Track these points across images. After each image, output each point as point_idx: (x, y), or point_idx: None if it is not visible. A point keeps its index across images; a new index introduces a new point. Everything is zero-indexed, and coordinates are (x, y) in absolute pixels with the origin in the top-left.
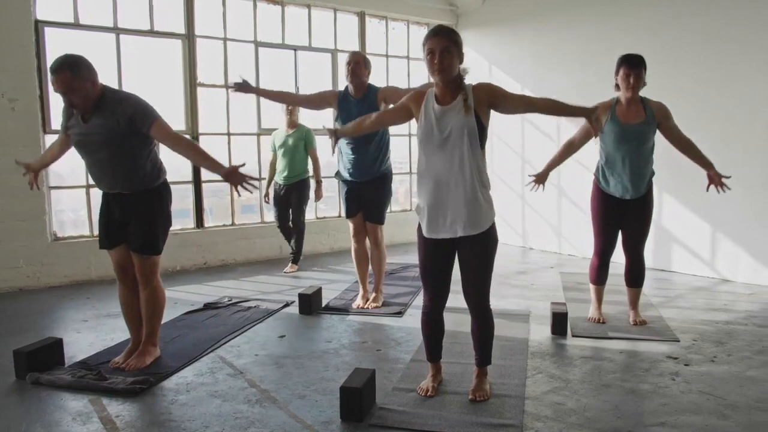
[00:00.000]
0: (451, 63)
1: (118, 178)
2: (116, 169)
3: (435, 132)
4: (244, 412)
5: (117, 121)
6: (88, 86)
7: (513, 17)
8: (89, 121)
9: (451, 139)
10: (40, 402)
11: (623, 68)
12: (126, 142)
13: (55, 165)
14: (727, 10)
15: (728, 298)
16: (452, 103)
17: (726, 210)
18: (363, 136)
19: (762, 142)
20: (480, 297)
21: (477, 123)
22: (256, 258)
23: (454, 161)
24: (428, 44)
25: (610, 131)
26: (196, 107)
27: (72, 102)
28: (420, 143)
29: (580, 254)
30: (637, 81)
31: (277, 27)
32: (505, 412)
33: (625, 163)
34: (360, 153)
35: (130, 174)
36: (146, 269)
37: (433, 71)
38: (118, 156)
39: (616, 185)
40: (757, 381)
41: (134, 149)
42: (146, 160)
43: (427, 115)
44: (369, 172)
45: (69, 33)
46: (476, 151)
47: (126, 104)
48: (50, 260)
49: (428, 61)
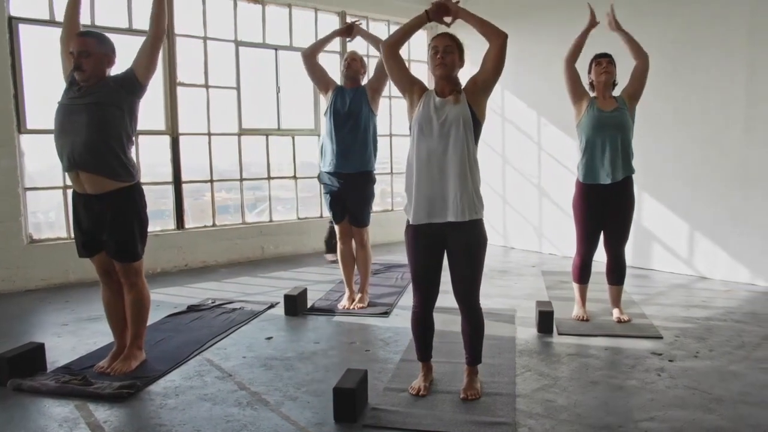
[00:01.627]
0: (452, 61)
1: (87, 146)
2: (90, 135)
3: (433, 118)
4: (236, 415)
5: (111, 86)
6: (104, 59)
7: (494, 18)
8: (86, 90)
9: (447, 126)
10: (23, 409)
11: (595, 62)
12: (114, 106)
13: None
14: (703, 14)
15: (707, 295)
16: (449, 97)
17: (704, 209)
18: (353, 125)
19: (737, 143)
20: (470, 295)
21: (472, 115)
22: (237, 259)
23: (448, 148)
24: (433, 42)
25: (591, 117)
26: (176, 107)
27: (82, 65)
28: (416, 131)
29: (560, 253)
30: (610, 66)
31: (258, 26)
32: (498, 410)
33: (605, 146)
34: (348, 141)
35: (100, 144)
36: (130, 273)
37: (434, 65)
38: (98, 120)
39: (599, 170)
40: (739, 375)
41: (115, 117)
42: (121, 133)
43: (426, 104)
44: (355, 162)
45: (44, 30)
46: (470, 141)
47: (117, 75)
48: (26, 263)
49: (431, 56)
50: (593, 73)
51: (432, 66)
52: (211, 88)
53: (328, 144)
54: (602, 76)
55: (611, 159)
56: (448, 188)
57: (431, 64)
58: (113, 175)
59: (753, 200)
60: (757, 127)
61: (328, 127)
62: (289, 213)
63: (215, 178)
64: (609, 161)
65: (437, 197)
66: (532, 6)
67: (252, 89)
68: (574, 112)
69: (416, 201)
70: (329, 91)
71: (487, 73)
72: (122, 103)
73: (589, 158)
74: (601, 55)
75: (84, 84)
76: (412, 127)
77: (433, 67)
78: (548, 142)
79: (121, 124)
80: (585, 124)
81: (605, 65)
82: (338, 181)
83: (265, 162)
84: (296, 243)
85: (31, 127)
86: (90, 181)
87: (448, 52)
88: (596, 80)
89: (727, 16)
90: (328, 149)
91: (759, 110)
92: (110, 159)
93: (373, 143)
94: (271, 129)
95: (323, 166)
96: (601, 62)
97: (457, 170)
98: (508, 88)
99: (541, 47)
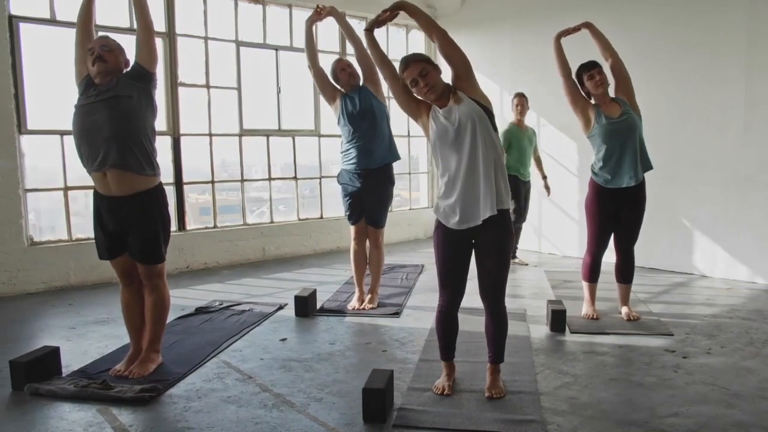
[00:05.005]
0: (434, 79)
1: (112, 141)
2: (114, 129)
3: (448, 127)
4: (263, 417)
5: (125, 80)
6: (121, 58)
7: (492, 20)
8: (103, 88)
9: (463, 127)
10: (43, 414)
11: (585, 74)
12: (133, 97)
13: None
14: (702, 19)
15: (709, 293)
16: (450, 102)
17: (703, 209)
18: (370, 120)
19: (735, 144)
20: (497, 293)
21: (478, 104)
22: (238, 260)
23: (473, 149)
24: (406, 76)
25: (603, 127)
26: (177, 107)
27: (104, 57)
28: (437, 146)
29: (560, 253)
30: (602, 76)
31: (259, 26)
32: (524, 408)
33: (625, 151)
34: (369, 136)
35: (125, 137)
36: (153, 275)
37: (426, 95)
38: (119, 113)
39: (623, 176)
40: (753, 371)
41: (135, 108)
42: (144, 124)
43: (436, 118)
44: (378, 156)
45: (45, 29)
46: (488, 131)
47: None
48: (27, 266)
49: (417, 90)
50: (589, 87)
51: (422, 96)
52: (212, 89)
53: (350, 147)
54: (600, 89)
55: (632, 163)
56: (479, 191)
57: (421, 95)
58: (140, 169)
59: (751, 200)
60: (755, 129)
61: (348, 131)
62: (290, 214)
63: (216, 179)
64: (630, 165)
65: (471, 203)
66: (529, 8)
67: (252, 90)
68: (581, 122)
69: (452, 210)
70: (336, 99)
71: (459, 66)
72: (140, 93)
73: (613, 166)
74: (590, 67)
75: (101, 82)
76: (434, 145)
77: (424, 97)
78: (547, 142)
79: (142, 115)
80: (599, 135)
81: (598, 77)
82: (359, 180)
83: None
84: (296, 244)
85: (32, 127)
86: (117, 179)
87: (425, 74)
88: (594, 93)
89: (725, 21)
90: (353, 150)
91: (757, 112)
92: (136, 151)
93: (391, 138)
94: (272, 129)
95: (346, 164)
96: (593, 75)
97: (483, 169)
98: (506, 89)
99: (537, 48)
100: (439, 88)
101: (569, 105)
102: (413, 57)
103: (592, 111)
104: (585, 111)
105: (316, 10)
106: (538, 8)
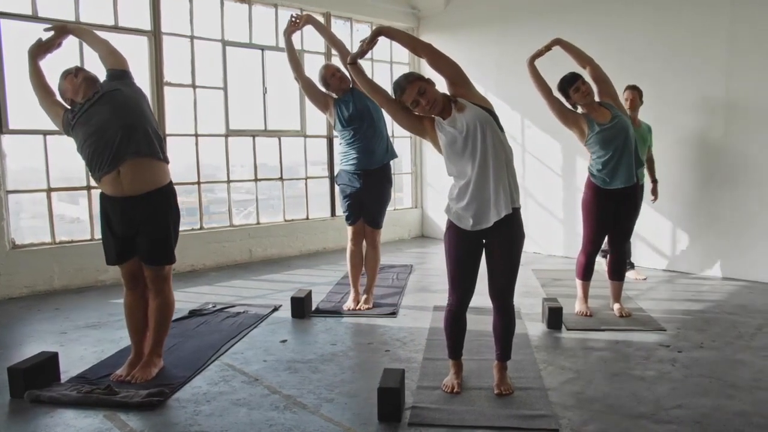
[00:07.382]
0: (433, 95)
1: (121, 130)
2: (120, 119)
3: (456, 135)
4: (277, 419)
5: (107, 82)
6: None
7: (475, 22)
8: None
9: (471, 134)
10: (46, 421)
11: (570, 88)
12: (122, 91)
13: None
14: (684, 23)
15: (694, 289)
16: (453, 111)
17: (682, 208)
18: (369, 121)
19: (715, 144)
20: (507, 292)
21: (481, 108)
22: (225, 262)
23: (483, 155)
24: (406, 98)
25: (597, 136)
26: (162, 107)
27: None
28: (449, 156)
29: (544, 252)
30: (586, 86)
31: (245, 26)
32: (534, 404)
33: (622, 154)
34: (369, 135)
35: (135, 123)
36: (159, 279)
37: (429, 112)
38: (119, 103)
39: (623, 177)
40: (746, 363)
41: (131, 98)
42: (145, 110)
43: (442, 129)
44: (378, 156)
45: (26, 26)
46: (496, 132)
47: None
48: (8, 270)
49: (419, 110)
50: (576, 99)
51: (425, 114)
52: (198, 89)
53: (350, 147)
54: (587, 98)
55: (629, 164)
56: (492, 193)
57: (422, 113)
58: (155, 153)
59: (730, 199)
60: (734, 132)
61: (348, 134)
62: (276, 215)
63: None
64: (627, 166)
65: (484, 205)
66: (514, 10)
67: (238, 90)
68: (576, 135)
69: (465, 213)
70: (329, 107)
71: (453, 75)
72: (124, 86)
73: (611, 169)
74: (572, 80)
75: (85, 94)
76: (445, 156)
77: (426, 114)
78: (532, 143)
79: (139, 104)
80: (595, 142)
81: (583, 87)
82: (359, 181)
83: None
84: (282, 245)
85: (14, 127)
86: (132, 171)
87: (423, 93)
88: (582, 103)
89: (707, 24)
90: (353, 151)
91: (736, 114)
92: (146, 137)
93: (387, 139)
94: (258, 130)
95: (345, 165)
96: (578, 87)
97: (494, 172)
98: (491, 91)
99: (523, 50)
100: (440, 102)
101: (560, 123)
102: (406, 79)
103: (584, 121)
104: (577, 123)
105: (291, 20)
106: (523, 10)
